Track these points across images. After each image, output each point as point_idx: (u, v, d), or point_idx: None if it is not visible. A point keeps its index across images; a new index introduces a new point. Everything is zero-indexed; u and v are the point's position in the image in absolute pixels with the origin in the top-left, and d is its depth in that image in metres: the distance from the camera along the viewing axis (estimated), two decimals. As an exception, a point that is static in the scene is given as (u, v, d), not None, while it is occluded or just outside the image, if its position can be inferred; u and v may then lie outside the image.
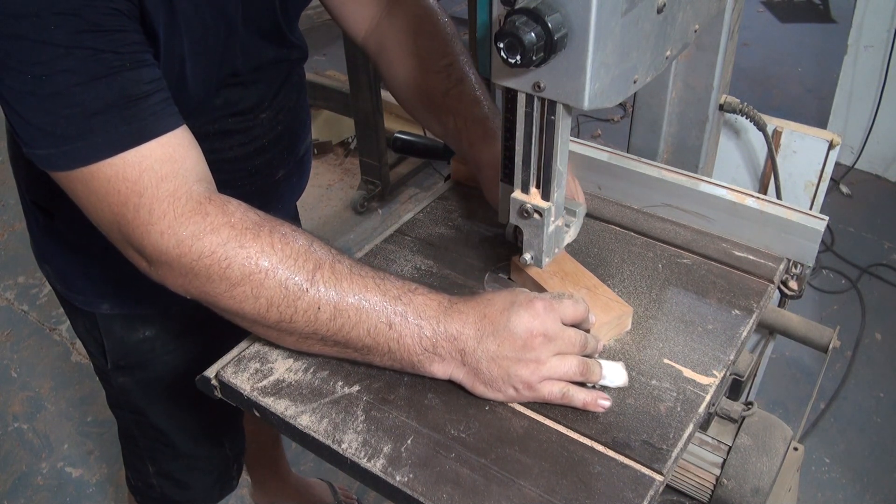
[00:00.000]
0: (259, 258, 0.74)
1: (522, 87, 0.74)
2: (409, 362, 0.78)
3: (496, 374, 0.77)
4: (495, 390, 0.78)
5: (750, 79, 3.78)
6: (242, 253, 0.73)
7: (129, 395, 1.22)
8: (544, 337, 0.77)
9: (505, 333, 0.76)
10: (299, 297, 0.74)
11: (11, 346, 2.53)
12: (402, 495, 0.74)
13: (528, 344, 0.76)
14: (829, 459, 2.08)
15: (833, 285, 2.63)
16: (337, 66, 3.62)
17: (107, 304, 1.11)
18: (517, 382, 0.77)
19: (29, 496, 2.07)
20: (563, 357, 0.78)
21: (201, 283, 0.75)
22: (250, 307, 0.75)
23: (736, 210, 1.03)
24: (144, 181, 0.73)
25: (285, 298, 0.74)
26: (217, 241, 0.73)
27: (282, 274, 0.74)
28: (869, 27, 2.91)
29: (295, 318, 0.75)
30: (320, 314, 0.75)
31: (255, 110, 1.02)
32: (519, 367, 0.77)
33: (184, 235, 0.73)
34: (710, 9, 0.90)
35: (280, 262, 0.74)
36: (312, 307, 0.74)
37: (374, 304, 0.76)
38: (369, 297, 0.76)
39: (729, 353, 0.88)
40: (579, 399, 0.79)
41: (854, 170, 3.12)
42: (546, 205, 0.83)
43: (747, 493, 0.94)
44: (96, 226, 0.78)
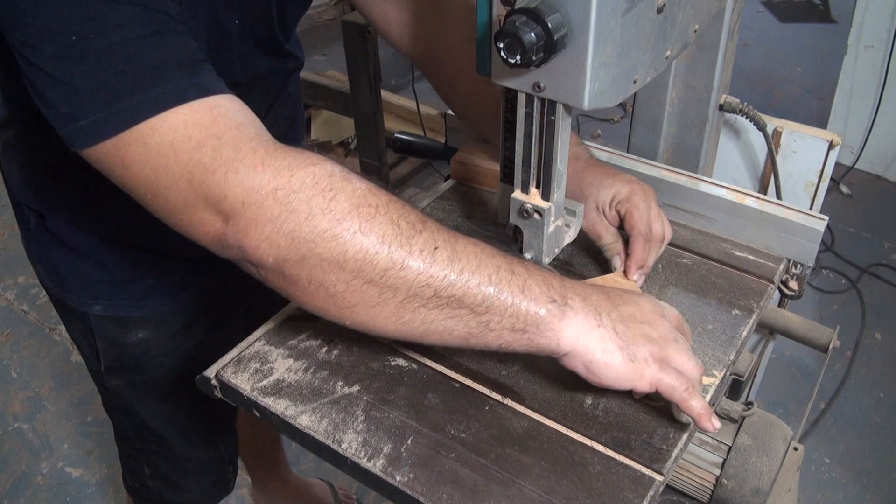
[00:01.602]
0: (367, 195, 0.65)
1: (522, 87, 0.74)
2: (534, 317, 0.67)
3: (632, 335, 0.69)
4: (630, 358, 0.69)
5: (750, 79, 3.78)
6: (349, 186, 0.65)
7: (124, 397, 1.22)
8: (665, 319, 0.74)
9: (634, 306, 0.72)
10: (413, 236, 0.65)
11: (11, 346, 2.53)
12: (402, 495, 0.74)
13: (657, 319, 0.72)
14: (829, 459, 2.08)
15: (833, 285, 2.63)
16: (337, 66, 3.62)
17: (99, 306, 1.10)
18: (648, 353, 0.69)
19: (29, 496, 2.07)
20: (686, 350, 0.73)
21: (299, 223, 0.63)
22: (355, 249, 0.63)
23: (736, 210, 1.03)
24: (220, 125, 0.65)
25: (398, 236, 0.64)
26: (321, 171, 0.65)
27: (393, 212, 0.65)
28: (869, 27, 2.91)
29: (408, 262, 0.64)
30: (438, 255, 0.65)
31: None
32: (652, 334, 0.70)
33: (281, 166, 0.64)
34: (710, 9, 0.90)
35: (390, 201, 0.66)
36: (429, 246, 0.65)
37: (491, 251, 0.68)
38: (483, 245, 0.68)
39: (729, 353, 0.88)
40: (698, 405, 0.70)
41: (854, 170, 3.12)
42: (546, 205, 0.83)
43: (747, 493, 0.94)
44: (143, 198, 0.68)
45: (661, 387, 0.70)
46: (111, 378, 1.19)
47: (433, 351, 0.89)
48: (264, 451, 1.84)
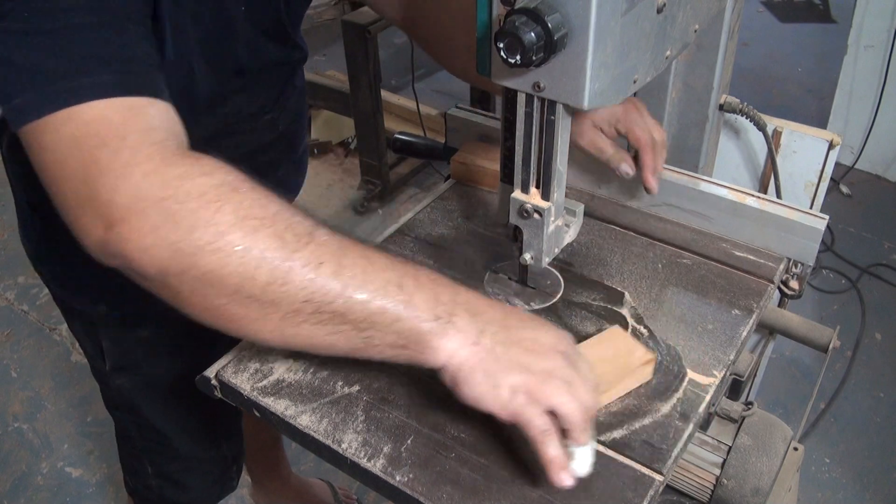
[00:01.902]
0: (254, 207, 0.63)
1: (522, 87, 0.74)
2: (415, 333, 0.66)
3: (505, 362, 0.66)
4: (492, 384, 0.66)
5: (750, 79, 3.78)
6: (237, 197, 0.63)
7: (128, 395, 1.22)
8: (565, 357, 0.68)
9: (530, 332, 0.68)
10: (298, 250, 0.62)
11: (11, 346, 2.53)
12: (402, 495, 0.74)
13: (550, 355, 0.68)
14: (829, 459, 2.07)
15: (833, 285, 2.63)
16: (337, 66, 3.62)
17: (104, 306, 1.10)
18: (518, 381, 0.66)
19: (29, 496, 2.07)
20: (572, 392, 0.67)
21: (181, 235, 0.61)
22: (236, 263, 0.61)
23: (736, 210, 1.03)
24: (130, 126, 0.63)
25: (281, 250, 0.62)
26: (211, 182, 0.63)
27: (279, 223, 0.63)
28: (869, 27, 2.90)
29: (290, 277, 0.62)
30: (321, 270, 0.63)
31: (260, 112, 1.03)
32: (532, 365, 0.66)
33: (172, 175, 0.62)
34: (710, 9, 0.90)
35: (279, 211, 0.64)
36: (312, 262, 0.62)
37: (381, 264, 0.66)
38: (374, 257, 0.66)
39: (729, 353, 0.88)
40: (552, 452, 0.66)
41: (854, 170, 3.12)
42: (546, 205, 0.83)
43: (747, 493, 0.94)
44: (49, 188, 0.67)
45: (520, 421, 0.66)
46: (116, 377, 1.19)
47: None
48: (264, 451, 1.84)
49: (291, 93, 1.09)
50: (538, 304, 0.96)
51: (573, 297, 0.97)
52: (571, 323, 0.93)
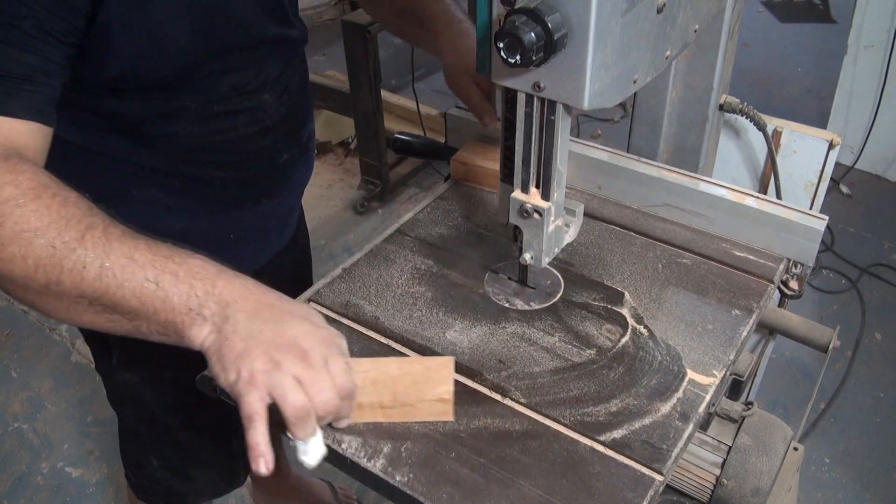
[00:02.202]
0: (32, 218, 0.72)
1: (522, 87, 0.74)
2: (171, 324, 0.74)
3: (237, 349, 0.72)
4: (222, 366, 0.73)
5: (750, 79, 3.78)
6: (17, 212, 0.72)
7: (136, 391, 1.22)
8: (303, 355, 0.72)
9: (276, 326, 0.74)
10: (66, 257, 0.72)
11: (11, 346, 2.53)
12: (402, 495, 0.74)
13: (284, 348, 0.72)
14: (829, 459, 2.07)
15: (833, 285, 2.63)
16: (337, 66, 3.62)
17: None
18: (245, 369, 0.71)
19: (29, 496, 2.07)
20: (301, 389, 0.71)
21: None
22: (19, 268, 0.72)
23: (736, 210, 1.03)
24: None
25: (52, 258, 0.72)
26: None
27: (52, 234, 0.72)
28: (869, 27, 2.90)
29: (62, 278, 0.72)
30: (86, 273, 0.72)
31: (260, 91, 1.03)
32: (260, 356, 0.71)
33: None
34: (710, 9, 0.90)
35: (52, 222, 0.73)
36: (78, 266, 0.72)
37: (142, 263, 0.73)
38: (138, 255, 0.74)
39: (729, 353, 0.88)
40: (256, 436, 0.71)
41: (854, 170, 3.12)
42: (546, 205, 0.83)
43: (747, 493, 0.94)
44: None
45: (238, 402, 0.72)
46: (123, 372, 1.19)
47: (433, 351, 0.89)
48: None
49: (293, 72, 1.09)
50: (538, 304, 0.96)
51: (573, 297, 0.97)
52: (571, 323, 0.93)
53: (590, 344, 0.90)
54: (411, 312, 0.95)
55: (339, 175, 3.26)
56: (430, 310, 0.95)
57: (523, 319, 0.94)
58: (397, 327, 0.93)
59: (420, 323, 0.93)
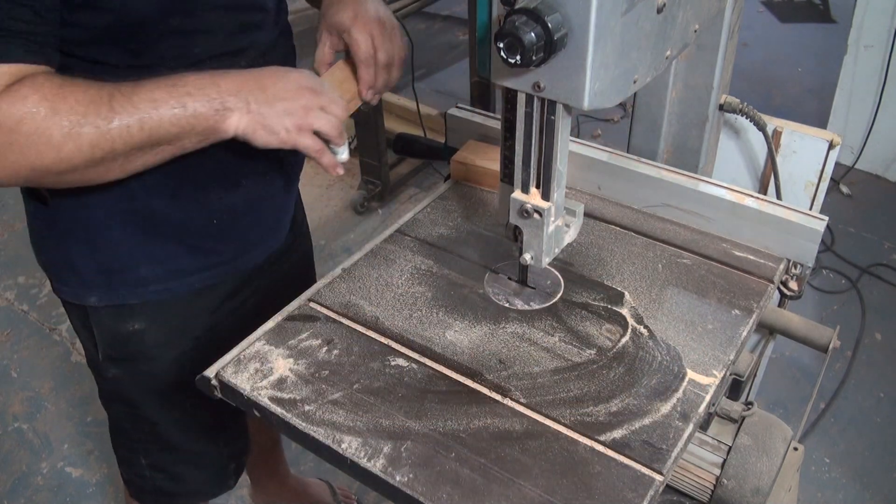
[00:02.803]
0: (70, 115, 0.84)
1: (522, 87, 0.74)
2: (209, 128, 0.91)
3: (274, 114, 0.91)
4: (270, 132, 0.92)
5: (750, 79, 3.78)
6: (57, 119, 0.84)
7: (121, 387, 1.23)
8: (312, 91, 0.94)
9: (282, 84, 0.93)
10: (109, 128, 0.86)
11: (11, 346, 2.53)
12: (402, 495, 0.74)
13: (299, 94, 0.93)
14: (829, 459, 2.08)
15: (833, 285, 2.63)
16: (337, 66, 3.62)
17: (94, 297, 1.11)
18: (288, 123, 0.92)
19: (29, 496, 2.07)
20: (326, 113, 0.95)
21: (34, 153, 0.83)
22: (79, 157, 0.85)
23: (736, 210, 1.03)
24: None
25: (100, 136, 0.85)
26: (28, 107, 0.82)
27: (91, 118, 0.85)
28: (869, 27, 2.90)
29: (115, 146, 0.86)
30: (131, 130, 0.87)
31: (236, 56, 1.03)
32: (291, 108, 0.92)
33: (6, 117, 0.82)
34: (710, 9, 0.90)
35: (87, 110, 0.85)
36: (123, 129, 0.86)
37: (163, 99, 0.88)
38: (156, 95, 0.88)
39: (729, 353, 0.88)
40: (325, 160, 0.97)
41: (854, 170, 3.12)
42: (546, 205, 0.84)
43: (747, 493, 0.94)
44: None
45: (300, 147, 0.95)
46: (110, 368, 1.20)
47: (433, 351, 0.89)
48: (264, 451, 1.84)
49: (270, 45, 1.08)
50: (538, 304, 0.96)
51: (573, 297, 0.97)
52: (571, 323, 0.93)
53: (590, 344, 0.90)
54: (411, 312, 0.95)
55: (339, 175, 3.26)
56: (430, 310, 0.95)
57: (523, 319, 0.94)
58: (397, 327, 0.93)
59: (420, 323, 0.93)
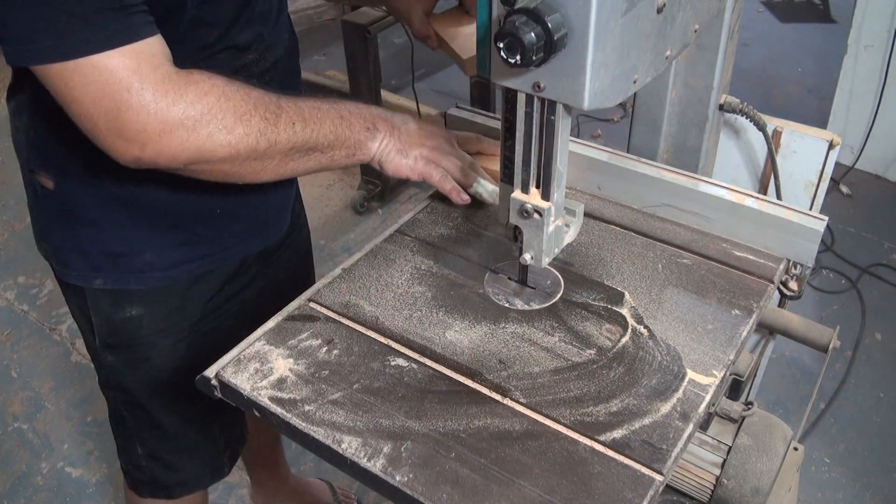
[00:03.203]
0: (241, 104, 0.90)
1: (522, 87, 0.74)
2: (358, 143, 1.00)
3: (410, 142, 1.03)
4: (403, 156, 1.03)
5: (750, 79, 3.78)
6: (231, 105, 0.89)
7: (118, 374, 1.24)
8: (444, 139, 1.07)
9: (419, 127, 1.06)
10: (276, 122, 0.93)
11: (11, 346, 2.53)
12: (402, 495, 0.74)
13: (433, 136, 1.06)
14: (829, 459, 2.08)
15: (833, 285, 2.63)
16: (337, 66, 3.62)
17: (100, 279, 1.12)
18: (419, 153, 1.03)
19: (29, 496, 2.07)
20: (452, 158, 1.06)
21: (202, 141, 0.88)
22: (245, 144, 0.90)
23: (736, 210, 1.03)
24: (143, 68, 0.84)
25: (268, 127, 0.92)
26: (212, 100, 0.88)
27: (261, 110, 0.92)
28: (869, 27, 2.90)
29: (279, 139, 0.93)
30: (295, 128, 0.94)
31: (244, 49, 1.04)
32: (425, 143, 1.04)
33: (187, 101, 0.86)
34: (710, 9, 0.90)
35: (255, 102, 0.92)
36: (289, 125, 0.93)
37: (325, 109, 0.98)
38: (320, 104, 0.98)
39: (729, 353, 0.88)
40: (448, 186, 1.05)
41: (854, 170, 3.12)
42: (546, 205, 0.84)
43: (747, 493, 0.94)
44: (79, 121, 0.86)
45: (425, 175, 1.05)
46: (106, 354, 1.21)
47: (433, 351, 0.89)
48: (264, 451, 1.84)
49: (277, 39, 1.10)
50: (538, 304, 0.96)
51: (573, 297, 0.97)
52: (571, 323, 0.93)
53: (590, 344, 0.90)
54: (411, 312, 0.95)
55: (339, 175, 3.26)
56: (430, 310, 0.95)
57: (523, 319, 0.94)
58: (397, 327, 0.93)
59: (420, 323, 0.93)
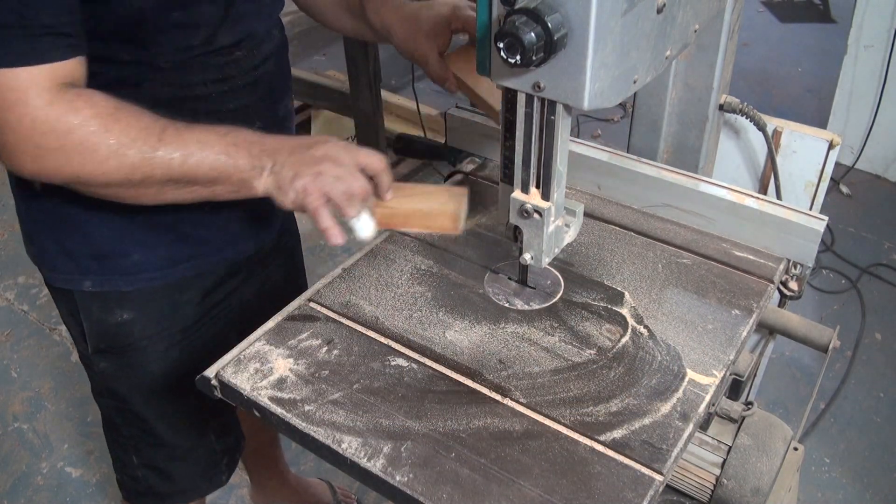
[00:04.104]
0: (121, 137, 0.88)
1: (522, 87, 0.74)
2: (242, 181, 0.94)
3: (288, 177, 0.93)
4: (283, 193, 0.94)
5: (750, 79, 3.78)
6: (107, 136, 0.88)
7: (111, 380, 1.22)
8: (334, 161, 0.94)
9: (309, 152, 0.95)
10: (154, 156, 0.90)
11: (11, 346, 2.53)
12: (402, 495, 0.74)
13: (319, 161, 0.94)
14: (829, 459, 2.08)
15: (833, 285, 2.63)
16: (337, 66, 3.62)
17: (89, 282, 1.12)
18: (298, 185, 0.93)
19: (29, 496, 2.07)
20: (338, 180, 0.94)
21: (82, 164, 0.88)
22: (118, 175, 0.89)
23: (736, 210, 1.03)
24: (32, 92, 0.84)
25: (144, 160, 0.89)
26: (80, 119, 0.87)
27: (140, 143, 0.89)
28: (869, 27, 2.91)
29: (154, 172, 0.90)
30: (173, 163, 0.90)
31: (225, 38, 1.03)
32: (305, 173, 0.94)
33: (64, 129, 0.86)
34: (710, 9, 0.90)
35: (137, 134, 0.89)
36: (166, 160, 0.90)
37: (211, 143, 0.92)
38: (206, 138, 0.92)
39: (729, 353, 0.88)
40: (325, 222, 0.95)
41: (854, 170, 3.12)
42: (546, 205, 0.84)
43: (747, 493, 0.94)
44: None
45: (302, 209, 0.95)
46: (99, 360, 1.20)
47: (433, 351, 0.89)
48: (263, 451, 1.84)
49: (269, 37, 1.10)
50: (538, 304, 0.96)
51: (573, 297, 0.97)
52: (571, 323, 0.93)
53: (590, 344, 0.90)
54: (411, 312, 0.95)
55: (339, 175, 3.26)
56: (430, 310, 0.95)
57: (523, 319, 0.94)
58: (397, 327, 0.93)
59: (420, 323, 0.93)
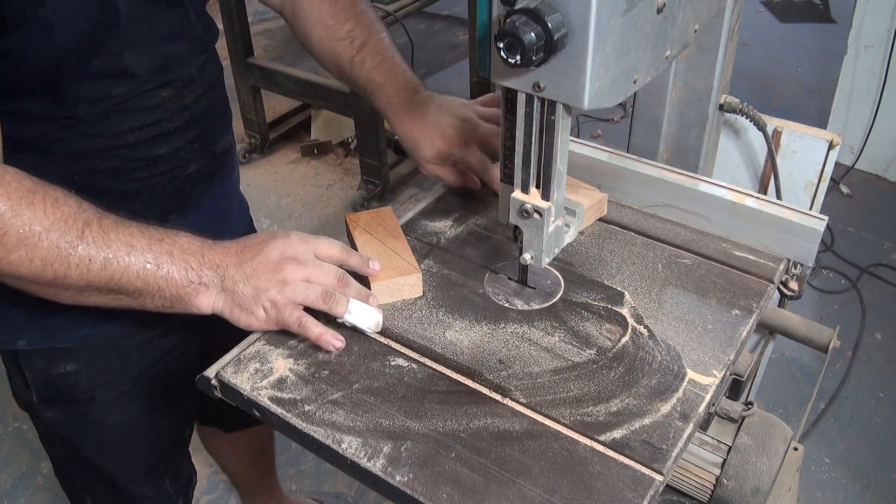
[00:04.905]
0: (33, 224, 0.77)
1: (522, 87, 0.74)
2: (178, 297, 0.84)
3: (249, 293, 0.84)
4: (248, 312, 0.84)
5: (750, 79, 3.78)
6: (17, 221, 0.77)
7: (60, 429, 1.18)
8: (295, 261, 0.85)
9: (261, 258, 0.85)
10: (71, 254, 0.79)
11: (11, 346, 2.53)
12: (401, 495, 0.74)
13: (279, 266, 0.84)
14: (829, 459, 2.08)
15: (833, 285, 2.63)
16: (337, 66, 3.61)
17: (23, 341, 1.07)
18: (266, 301, 0.84)
19: (29, 496, 2.07)
20: (309, 284, 0.85)
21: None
22: (27, 269, 0.79)
23: (736, 210, 1.03)
24: None
25: (58, 257, 0.79)
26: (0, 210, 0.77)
27: (54, 236, 0.78)
28: (869, 27, 2.91)
29: (69, 273, 0.80)
30: (92, 265, 0.80)
31: (157, 87, 0.96)
32: (269, 285, 0.84)
33: None
34: (710, 9, 0.90)
35: (52, 224, 0.78)
36: (84, 260, 0.80)
37: (140, 248, 0.82)
38: (135, 242, 0.82)
39: (729, 353, 0.88)
40: (313, 331, 0.85)
41: (854, 170, 3.12)
42: (546, 205, 0.84)
43: (747, 493, 0.94)
44: None
45: (284, 326, 0.85)
46: (45, 409, 1.15)
47: (433, 351, 0.89)
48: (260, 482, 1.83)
49: (200, 73, 1.03)
50: (538, 304, 0.96)
51: (573, 297, 0.97)
52: (571, 323, 0.93)
53: (590, 344, 0.90)
54: (411, 312, 0.95)
55: (339, 175, 3.26)
56: (430, 310, 0.95)
57: (523, 319, 0.94)
58: (397, 327, 0.93)
59: (420, 323, 0.93)
